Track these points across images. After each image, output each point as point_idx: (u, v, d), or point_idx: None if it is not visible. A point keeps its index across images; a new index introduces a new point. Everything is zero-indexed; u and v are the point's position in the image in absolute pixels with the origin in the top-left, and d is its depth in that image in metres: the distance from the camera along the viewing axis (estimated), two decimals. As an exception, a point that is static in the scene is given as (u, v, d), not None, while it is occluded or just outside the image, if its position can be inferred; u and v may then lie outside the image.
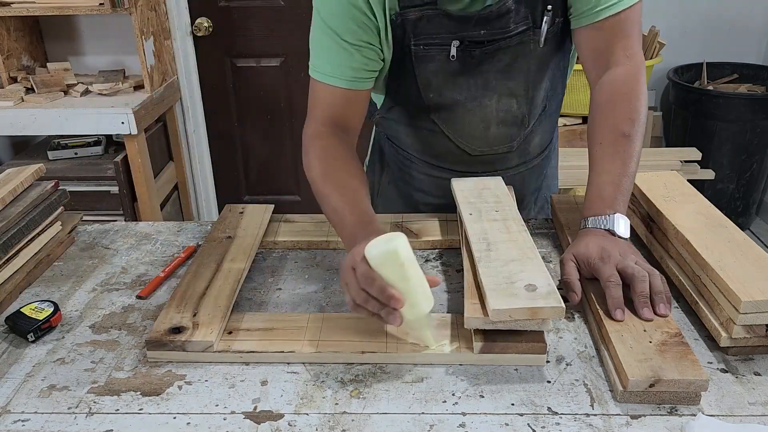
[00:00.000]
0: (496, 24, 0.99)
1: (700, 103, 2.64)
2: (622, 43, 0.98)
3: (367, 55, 1.01)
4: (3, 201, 1.00)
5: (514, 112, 1.10)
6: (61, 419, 0.72)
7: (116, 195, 2.32)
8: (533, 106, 1.11)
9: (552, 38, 1.03)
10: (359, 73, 1.01)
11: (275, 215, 1.16)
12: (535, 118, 1.13)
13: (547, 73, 1.08)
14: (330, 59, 1.00)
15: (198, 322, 0.83)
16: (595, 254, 0.86)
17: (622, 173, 0.92)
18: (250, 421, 0.71)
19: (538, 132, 1.17)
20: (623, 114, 0.95)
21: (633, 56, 0.98)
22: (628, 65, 0.98)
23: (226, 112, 2.84)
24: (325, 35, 1.00)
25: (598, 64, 1.01)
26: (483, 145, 1.14)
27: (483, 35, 1.00)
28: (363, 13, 0.97)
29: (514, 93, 1.08)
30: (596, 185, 0.94)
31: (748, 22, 2.78)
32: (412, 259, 0.74)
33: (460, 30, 1.00)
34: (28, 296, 0.97)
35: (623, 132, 0.94)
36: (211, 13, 2.65)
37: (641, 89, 0.97)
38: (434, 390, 0.75)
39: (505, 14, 0.99)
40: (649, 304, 0.81)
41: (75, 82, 2.40)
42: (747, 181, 2.75)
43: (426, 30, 1.00)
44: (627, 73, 0.98)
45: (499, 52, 1.03)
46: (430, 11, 0.98)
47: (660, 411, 0.71)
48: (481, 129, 1.12)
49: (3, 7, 2.20)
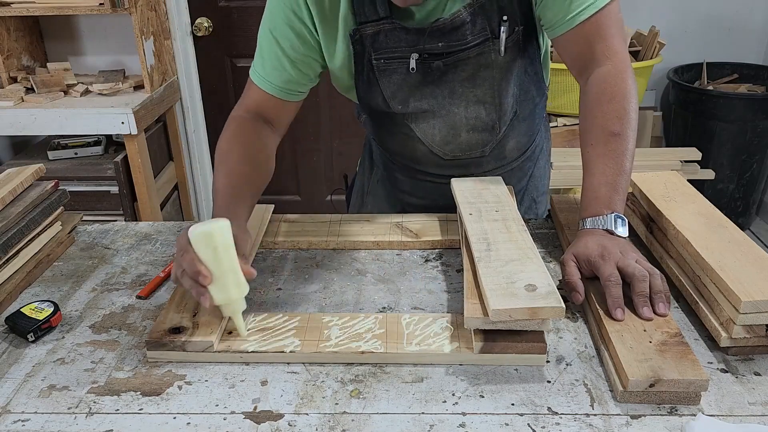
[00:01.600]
0: (452, 36, 1.01)
1: (700, 103, 2.64)
2: (601, 45, 0.97)
3: (303, 70, 1.05)
4: (3, 201, 1.00)
5: (483, 119, 1.12)
6: (61, 419, 0.72)
7: (116, 195, 2.32)
8: (502, 113, 1.12)
9: (513, 46, 1.04)
10: (290, 86, 1.06)
11: (275, 215, 1.16)
12: (506, 123, 1.14)
13: (512, 80, 1.09)
14: (265, 65, 1.05)
15: (198, 322, 0.83)
16: (596, 252, 0.86)
17: (616, 172, 0.92)
18: (250, 421, 0.71)
19: (512, 136, 1.18)
20: (611, 113, 0.95)
21: (614, 55, 0.97)
22: (610, 65, 0.97)
23: (226, 112, 2.81)
24: (267, 40, 1.04)
25: (580, 67, 1.01)
26: (455, 150, 1.16)
27: (441, 47, 1.02)
28: (305, 26, 1.01)
29: (481, 100, 1.09)
30: (591, 187, 0.93)
31: (748, 22, 2.78)
32: (228, 246, 0.78)
33: (418, 43, 1.02)
34: (28, 296, 0.97)
35: (613, 131, 0.93)
36: (211, 13, 2.65)
37: (627, 87, 0.96)
38: (434, 390, 0.75)
39: (460, 26, 1.00)
40: (649, 304, 0.81)
41: (75, 82, 2.40)
42: (747, 181, 2.75)
43: (384, 44, 1.02)
44: (610, 73, 0.97)
45: (461, 63, 1.04)
46: (387, 25, 1.00)
47: (660, 411, 0.71)
48: (452, 135, 1.14)
49: (3, 7, 2.20)
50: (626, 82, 0.96)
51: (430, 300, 0.92)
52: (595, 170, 0.93)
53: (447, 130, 1.13)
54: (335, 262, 1.04)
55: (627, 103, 0.95)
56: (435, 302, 0.92)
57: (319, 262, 1.04)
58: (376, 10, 0.99)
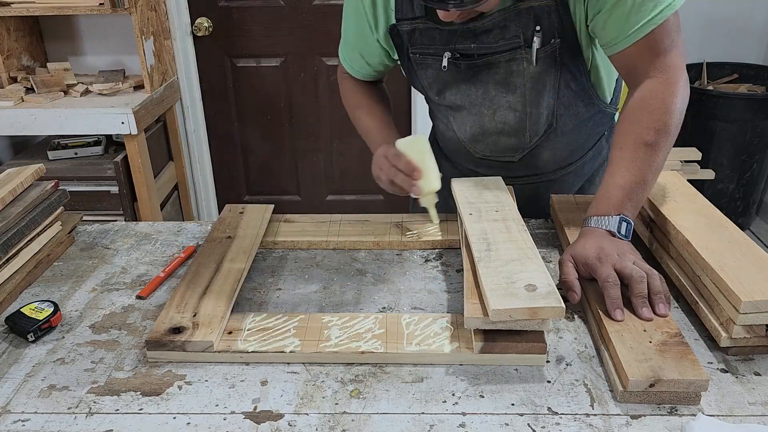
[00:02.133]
0: (484, 38, 1.03)
1: (700, 103, 2.64)
2: (654, 59, 0.94)
3: (369, 59, 1.19)
4: (3, 201, 1.00)
5: (512, 125, 1.12)
6: (61, 419, 0.72)
7: (116, 195, 2.32)
8: (533, 123, 1.11)
9: (546, 58, 1.03)
10: (366, 71, 1.22)
11: (275, 215, 1.16)
12: (538, 135, 1.13)
13: (547, 92, 1.07)
14: (345, 49, 1.22)
15: (198, 322, 0.83)
16: (593, 255, 0.86)
17: (636, 180, 0.91)
18: (250, 421, 0.71)
19: (547, 148, 1.17)
20: (648, 124, 0.92)
21: (666, 69, 0.94)
22: (660, 78, 0.94)
23: (226, 112, 2.84)
24: (344, 23, 1.18)
25: (631, 80, 0.99)
26: (485, 150, 1.19)
27: (473, 48, 1.04)
28: (364, 16, 1.11)
29: (512, 107, 1.10)
30: (607, 187, 0.93)
31: (748, 22, 2.78)
32: (429, 150, 1.03)
33: (451, 42, 1.05)
34: (28, 296, 0.97)
35: (645, 140, 0.91)
36: (211, 13, 2.65)
37: (673, 102, 0.93)
38: (434, 390, 0.75)
39: (491, 30, 1.01)
40: (648, 305, 0.81)
41: (75, 82, 2.40)
42: (747, 181, 2.75)
43: (420, 41, 1.08)
44: (658, 87, 0.94)
45: (493, 66, 1.06)
46: (421, 24, 1.06)
47: (660, 411, 0.71)
48: (481, 134, 1.16)
49: (3, 7, 2.19)
50: (673, 96, 0.93)
51: (430, 300, 0.92)
52: (616, 173, 0.92)
53: (477, 128, 1.15)
54: (335, 262, 1.04)
55: (668, 118, 0.92)
56: (435, 302, 0.92)
57: (319, 262, 1.04)
58: (412, 9, 1.05)
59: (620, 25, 0.93)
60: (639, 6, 0.91)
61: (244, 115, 2.85)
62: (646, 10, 0.91)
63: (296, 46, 2.66)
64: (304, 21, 2.64)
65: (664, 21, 0.91)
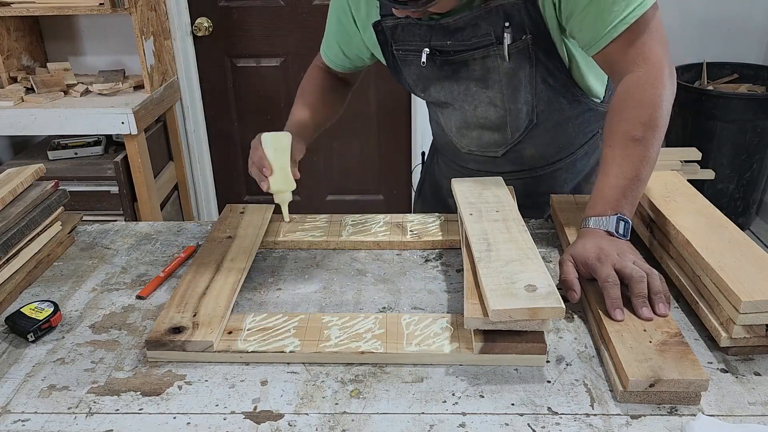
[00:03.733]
0: (458, 36, 1.05)
1: (700, 103, 2.63)
2: (633, 55, 0.94)
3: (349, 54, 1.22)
4: (3, 201, 1.00)
5: (492, 120, 1.15)
6: (61, 419, 0.72)
7: (116, 195, 2.32)
8: (513, 118, 1.13)
9: (518, 54, 1.04)
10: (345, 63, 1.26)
11: (275, 215, 1.16)
12: (519, 130, 1.15)
13: (523, 88, 1.08)
14: (327, 40, 1.25)
15: (198, 322, 0.83)
16: (592, 255, 0.86)
17: (630, 177, 0.91)
18: (250, 421, 0.71)
19: (530, 144, 1.18)
20: (635, 119, 0.92)
21: (646, 62, 0.94)
22: (640, 72, 0.94)
23: (226, 112, 2.84)
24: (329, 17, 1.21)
25: (615, 77, 0.99)
26: (470, 145, 1.22)
27: (449, 45, 1.06)
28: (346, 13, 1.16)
29: (492, 102, 1.12)
30: (601, 187, 0.93)
31: (748, 22, 2.78)
32: (285, 150, 1.03)
33: (430, 39, 1.07)
34: (28, 296, 0.97)
35: (634, 136, 0.92)
36: (211, 13, 2.65)
37: (658, 94, 0.93)
38: (434, 390, 0.75)
39: (464, 28, 1.03)
40: (648, 305, 0.81)
41: (75, 82, 2.40)
42: (747, 181, 2.75)
43: (402, 37, 1.11)
44: (641, 80, 0.94)
45: (470, 63, 1.08)
46: (403, 20, 1.07)
47: (660, 411, 0.71)
48: (465, 129, 1.20)
49: (3, 7, 2.19)
50: (656, 89, 0.93)
51: (430, 300, 0.92)
52: (609, 172, 0.92)
53: (461, 123, 1.18)
54: (335, 262, 1.04)
55: (655, 111, 0.92)
56: (435, 302, 0.92)
57: (319, 262, 1.04)
58: None
59: (595, 25, 0.95)
60: (611, 6, 0.92)
61: (244, 115, 2.85)
62: (618, 10, 0.92)
63: (296, 46, 2.66)
64: (304, 21, 2.64)
65: (640, 17, 0.93)
